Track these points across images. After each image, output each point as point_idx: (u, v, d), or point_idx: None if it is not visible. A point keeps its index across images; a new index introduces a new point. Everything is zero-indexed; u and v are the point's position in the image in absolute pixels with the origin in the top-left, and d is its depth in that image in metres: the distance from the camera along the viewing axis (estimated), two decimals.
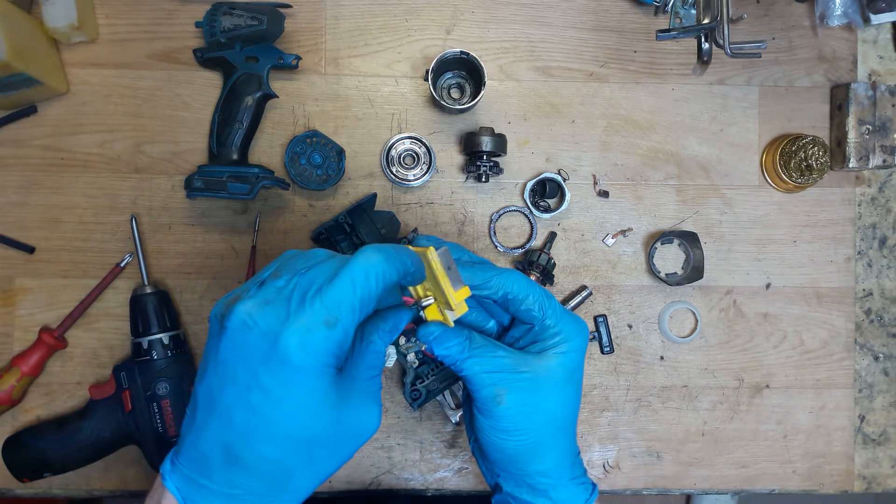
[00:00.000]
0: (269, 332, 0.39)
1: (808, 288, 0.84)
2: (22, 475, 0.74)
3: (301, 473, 0.43)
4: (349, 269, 0.41)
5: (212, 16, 0.74)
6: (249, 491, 0.41)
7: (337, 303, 0.40)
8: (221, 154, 0.75)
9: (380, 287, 0.42)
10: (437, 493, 0.82)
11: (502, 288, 0.51)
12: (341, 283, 0.40)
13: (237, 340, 0.40)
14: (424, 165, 0.81)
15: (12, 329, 0.79)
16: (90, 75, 0.79)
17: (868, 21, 0.79)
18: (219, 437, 0.41)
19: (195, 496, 0.42)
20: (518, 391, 0.50)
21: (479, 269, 0.51)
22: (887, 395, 0.84)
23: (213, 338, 0.42)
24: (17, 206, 0.79)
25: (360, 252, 0.42)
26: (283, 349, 0.39)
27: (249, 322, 0.39)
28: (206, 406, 0.41)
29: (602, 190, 0.82)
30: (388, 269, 0.42)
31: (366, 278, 0.41)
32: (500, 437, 0.51)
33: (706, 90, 0.83)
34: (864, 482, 0.84)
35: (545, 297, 0.52)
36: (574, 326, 0.53)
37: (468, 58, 0.75)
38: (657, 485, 0.83)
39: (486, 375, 0.50)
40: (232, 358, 0.40)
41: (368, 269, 0.41)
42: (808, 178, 0.79)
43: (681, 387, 0.83)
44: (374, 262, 0.42)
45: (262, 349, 0.39)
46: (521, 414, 0.50)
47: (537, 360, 0.51)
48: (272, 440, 0.41)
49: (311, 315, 0.39)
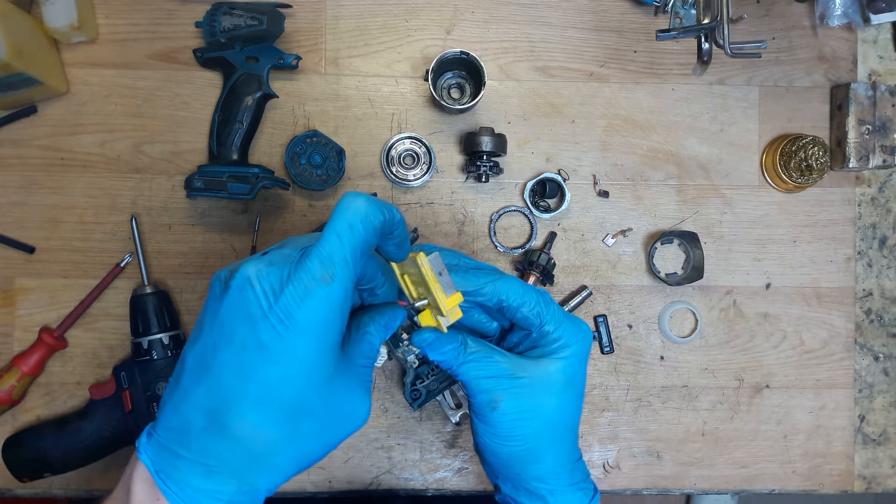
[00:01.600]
0: (271, 290, 0.39)
1: (808, 288, 0.84)
2: (22, 475, 0.74)
3: (283, 448, 0.41)
4: (332, 222, 0.41)
5: (212, 16, 0.74)
6: (227, 462, 0.40)
7: (329, 258, 0.40)
8: (221, 154, 0.75)
9: (368, 232, 0.41)
10: (437, 493, 0.82)
11: (496, 295, 0.51)
12: (328, 237, 0.40)
13: (239, 299, 0.40)
14: (424, 165, 0.81)
15: (12, 329, 0.79)
16: (90, 75, 0.79)
17: (868, 21, 0.79)
18: (204, 402, 0.40)
19: (168, 468, 0.40)
20: (514, 397, 0.49)
21: (473, 276, 0.51)
22: (887, 395, 0.84)
23: (212, 300, 0.42)
24: (17, 206, 0.79)
25: (340, 202, 0.42)
26: (283, 305, 0.39)
27: (253, 280, 0.40)
28: (195, 369, 0.41)
29: (602, 190, 0.82)
30: (370, 210, 0.41)
31: (350, 228, 0.41)
32: (496, 441, 0.51)
33: (706, 90, 0.83)
34: (864, 482, 0.84)
35: (543, 303, 0.51)
36: (575, 332, 0.52)
37: (468, 58, 0.75)
38: (657, 485, 0.83)
39: (482, 381, 0.49)
40: (231, 317, 0.40)
41: (352, 217, 0.41)
42: (808, 178, 0.79)
43: (681, 387, 0.83)
44: (354, 207, 0.41)
45: (263, 306, 0.39)
46: (517, 420, 0.50)
47: (535, 365, 0.51)
48: (260, 404, 0.40)
49: (307, 272, 0.39)
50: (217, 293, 0.42)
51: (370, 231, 0.41)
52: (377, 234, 0.42)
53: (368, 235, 0.41)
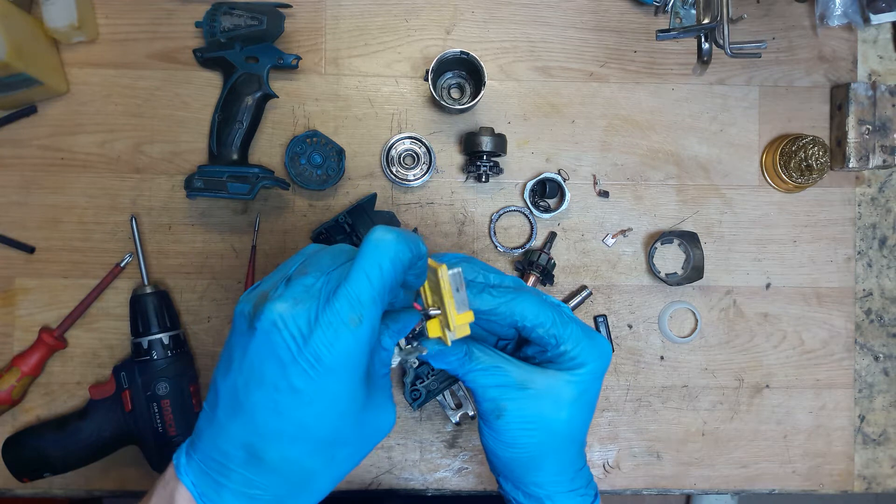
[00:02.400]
0: (299, 334, 0.39)
1: (808, 288, 0.84)
2: (22, 475, 0.74)
3: (322, 474, 0.43)
4: (360, 260, 0.40)
5: (212, 16, 0.74)
6: (269, 491, 0.41)
7: (357, 299, 0.39)
8: (221, 154, 0.75)
9: (396, 271, 0.41)
10: (437, 493, 0.82)
11: (510, 316, 0.49)
12: (356, 277, 0.40)
13: (267, 342, 0.39)
14: (424, 165, 0.81)
15: (12, 329, 0.79)
16: (90, 75, 0.79)
17: (868, 21, 0.79)
18: (241, 437, 0.41)
19: (211, 494, 0.41)
20: (519, 408, 0.49)
21: (489, 295, 0.49)
22: (887, 395, 0.84)
23: (240, 335, 0.42)
24: (17, 206, 0.79)
25: (369, 238, 0.41)
26: (313, 350, 0.38)
27: (280, 323, 0.39)
28: (230, 405, 0.41)
29: (602, 190, 0.82)
30: (400, 248, 0.41)
31: (379, 268, 0.40)
32: (499, 446, 0.50)
33: (706, 90, 0.83)
34: (864, 482, 0.84)
35: (560, 323, 0.49)
36: (593, 350, 0.50)
37: (468, 58, 0.75)
38: (657, 485, 0.83)
39: (488, 389, 0.49)
40: (261, 359, 0.40)
41: (381, 257, 0.40)
42: (808, 178, 0.79)
43: (681, 387, 0.83)
44: (384, 246, 0.40)
45: (292, 350, 0.39)
46: (522, 430, 0.49)
47: (546, 377, 0.50)
48: (297, 441, 0.40)
49: (336, 314, 0.39)
50: (243, 329, 0.41)
51: (399, 269, 0.41)
52: (405, 271, 0.42)
53: (397, 273, 0.41)
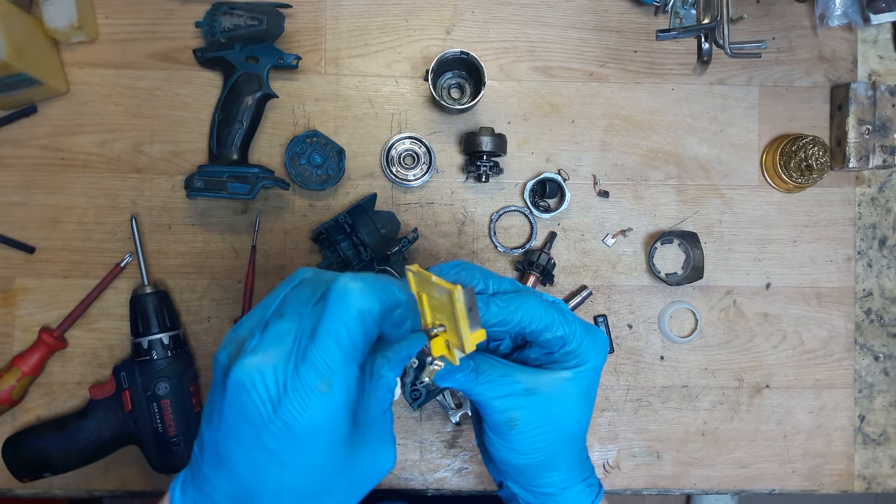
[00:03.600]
0: (268, 399, 0.37)
1: (808, 288, 0.84)
2: (22, 475, 0.74)
3: None
4: (324, 320, 0.37)
5: (212, 16, 0.74)
6: None
7: (325, 364, 0.37)
8: (221, 154, 0.75)
9: (367, 326, 0.38)
10: (437, 493, 0.82)
11: (519, 324, 0.48)
12: (322, 340, 0.37)
13: (238, 402, 0.38)
14: (424, 165, 0.81)
15: (12, 329, 0.79)
16: (90, 75, 0.79)
17: (868, 21, 0.79)
18: (227, 488, 0.40)
19: None
20: (531, 414, 0.49)
21: (496, 307, 0.48)
22: (887, 395, 0.84)
23: (217, 387, 0.40)
24: (17, 206, 0.79)
25: (332, 289, 0.38)
26: (283, 417, 0.37)
27: (248, 385, 0.37)
28: (214, 457, 0.40)
29: (602, 190, 0.82)
30: (366, 301, 0.38)
31: (345, 326, 0.37)
32: (512, 455, 0.50)
33: (706, 90, 0.83)
34: (864, 482, 0.84)
35: (564, 323, 0.49)
36: (593, 346, 0.50)
37: (468, 58, 0.75)
38: (657, 485, 0.83)
39: (497, 401, 0.48)
40: (235, 418, 0.38)
41: (345, 313, 0.37)
42: (808, 178, 0.79)
43: (681, 387, 0.83)
44: (349, 300, 0.37)
45: (263, 414, 0.37)
46: (535, 436, 0.49)
47: (551, 378, 0.49)
48: (280, 496, 0.40)
49: (302, 383, 0.37)
50: (219, 381, 0.40)
51: (370, 324, 0.38)
52: (378, 324, 0.39)
53: (368, 328, 0.38)
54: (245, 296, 0.79)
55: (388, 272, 0.76)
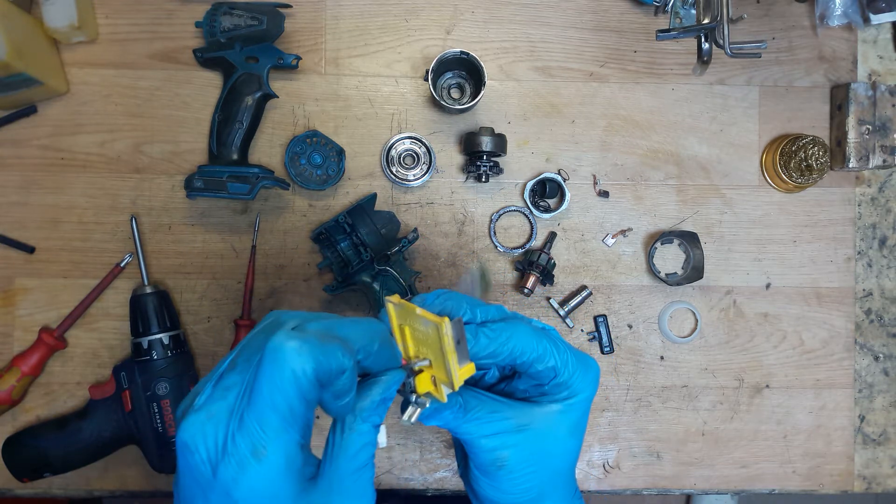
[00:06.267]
0: (208, 461, 0.36)
1: (808, 288, 0.84)
2: (22, 475, 0.74)
3: None
4: (257, 382, 0.36)
5: (212, 16, 0.74)
6: None
7: (259, 429, 0.35)
8: (221, 154, 0.75)
9: (303, 391, 0.36)
10: (437, 493, 0.82)
11: (511, 356, 0.46)
12: (255, 404, 0.35)
13: (184, 462, 0.37)
14: (424, 165, 0.81)
15: (12, 329, 0.79)
16: (90, 75, 0.79)
17: (868, 21, 0.79)
18: None
19: None
20: (521, 452, 0.46)
21: (485, 338, 0.45)
22: (887, 395, 0.84)
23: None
24: (17, 206, 0.79)
25: (266, 350, 0.36)
26: (221, 483, 0.35)
27: (192, 446, 0.36)
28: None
29: (602, 190, 0.82)
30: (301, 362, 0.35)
31: (279, 389, 0.35)
32: (500, 495, 0.48)
33: (706, 90, 0.83)
34: (864, 482, 0.84)
35: (556, 353, 0.47)
36: (585, 377, 0.48)
37: (468, 58, 0.75)
38: (657, 485, 0.83)
39: (486, 439, 0.46)
40: (185, 478, 0.38)
41: (279, 377, 0.35)
42: (808, 178, 0.79)
43: (681, 387, 0.83)
44: (280, 360, 0.35)
45: (206, 477, 0.36)
46: (524, 475, 0.47)
47: (543, 413, 0.47)
48: None
49: (236, 449, 0.35)
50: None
51: (307, 389, 0.36)
52: (317, 387, 0.36)
53: (304, 392, 0.36)
54: (245, 296, 0.79)
55: (390, 273, 0.76)
